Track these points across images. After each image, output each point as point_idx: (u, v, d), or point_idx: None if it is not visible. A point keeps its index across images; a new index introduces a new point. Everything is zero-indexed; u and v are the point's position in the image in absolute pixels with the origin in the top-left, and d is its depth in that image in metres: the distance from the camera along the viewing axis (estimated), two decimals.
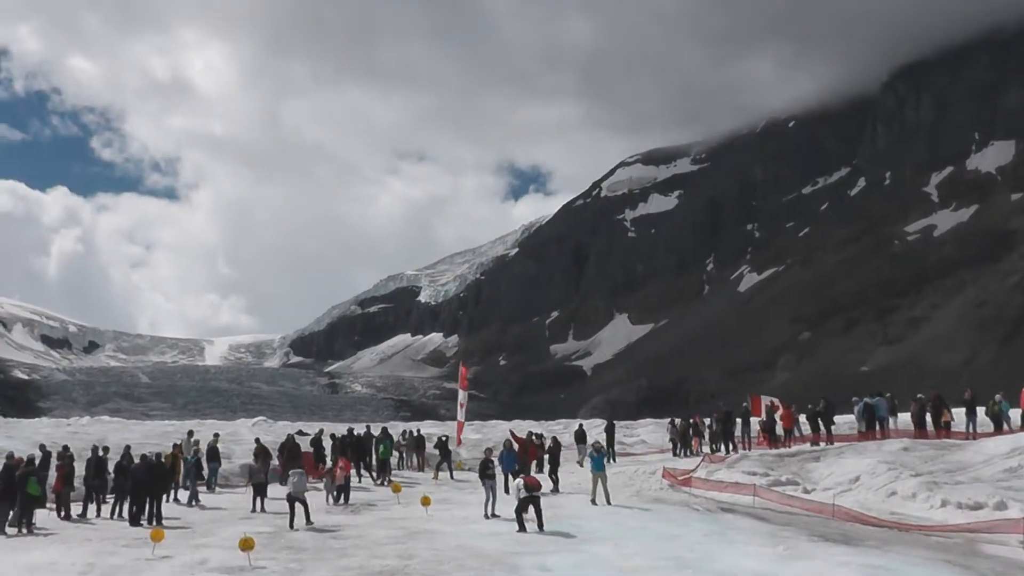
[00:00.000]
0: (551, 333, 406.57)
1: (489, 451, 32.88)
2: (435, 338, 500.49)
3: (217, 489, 39.04)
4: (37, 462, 32.13)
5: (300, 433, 59.05)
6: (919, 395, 44.99)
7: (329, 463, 39.92)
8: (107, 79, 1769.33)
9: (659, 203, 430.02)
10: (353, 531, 27.15)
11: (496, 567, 21.11)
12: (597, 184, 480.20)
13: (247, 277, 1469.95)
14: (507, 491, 32.95)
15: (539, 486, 27.13)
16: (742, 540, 24.09)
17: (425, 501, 30.37)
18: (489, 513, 29.22)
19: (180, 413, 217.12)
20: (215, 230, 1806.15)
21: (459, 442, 46.11)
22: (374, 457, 43.88)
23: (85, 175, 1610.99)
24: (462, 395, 46.88)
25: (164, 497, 31.46)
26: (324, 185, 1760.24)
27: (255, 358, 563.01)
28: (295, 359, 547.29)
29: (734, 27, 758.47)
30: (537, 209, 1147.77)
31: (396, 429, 58.62)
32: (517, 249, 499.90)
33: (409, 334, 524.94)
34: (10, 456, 32.70)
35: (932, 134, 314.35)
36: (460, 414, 46.83)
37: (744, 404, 48.30)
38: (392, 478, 41.90)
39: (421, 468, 48.18)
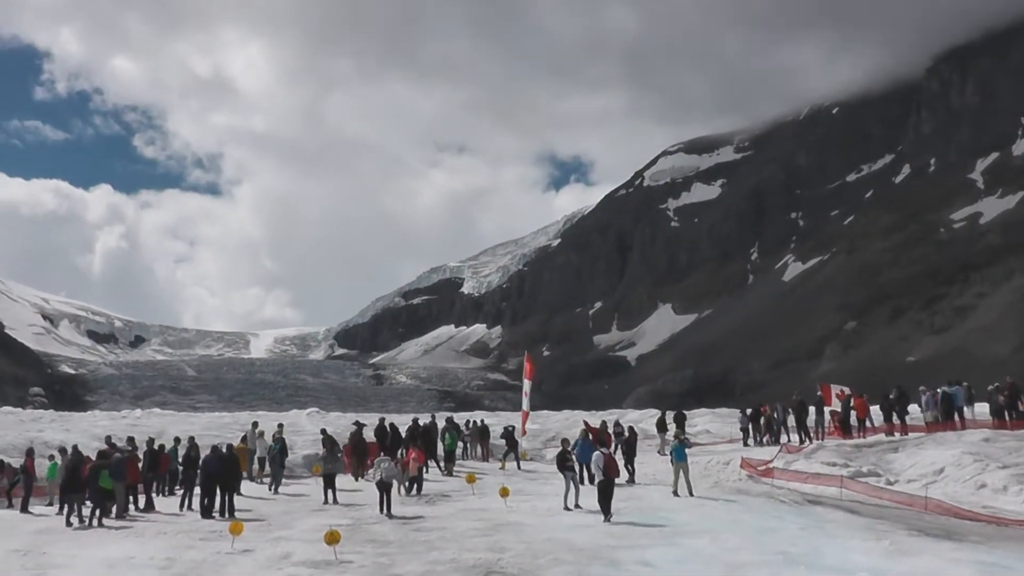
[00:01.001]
0: (595, 323, 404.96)
1: (566, 442, 32.22)
2: (478, 329, 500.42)
3: (283, 480, 38.56)
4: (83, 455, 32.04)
5: (356, 424, 58.62)
6: (995, 384, 43.89)
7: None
8: (149, 78, 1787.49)
9: (702, 192, 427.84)
10: (434, 523, 26.59)
11: (594, 561, 20.50)
12: (639, 174, 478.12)
13: (290, 271, 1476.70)
14: (582, 481, 32.33)
15: (617, 474, 26.57)
16: (842, 534, 23.33)
17: (504, 492, 29.81)
18: (570, 505, 28.55)
19: (227, 405, 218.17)
20: (258, 225, 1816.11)
21: (524, 432, 45.25)
22: (439, 448, 43.31)
23: (128, 173, 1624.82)
24: (527, 385, 46.06)
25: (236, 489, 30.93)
26: (366, 179, 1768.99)
27: (300, 350, 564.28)
28: (340, 351, 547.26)
29: (777, 13, 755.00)
30: (579, 199, 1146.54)
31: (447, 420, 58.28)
32: (560, 240, 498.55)
33: (452, 325, 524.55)
34: (75, 449, 32.46)
35: (977, 119, 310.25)
36: (525, 403, 46.06)
37: (818, 393, 47.18)
38: (457, 469, 41.35)
39: (486, 458, 47.56)
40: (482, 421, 50.62)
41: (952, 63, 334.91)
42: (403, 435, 42.63)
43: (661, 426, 46.45)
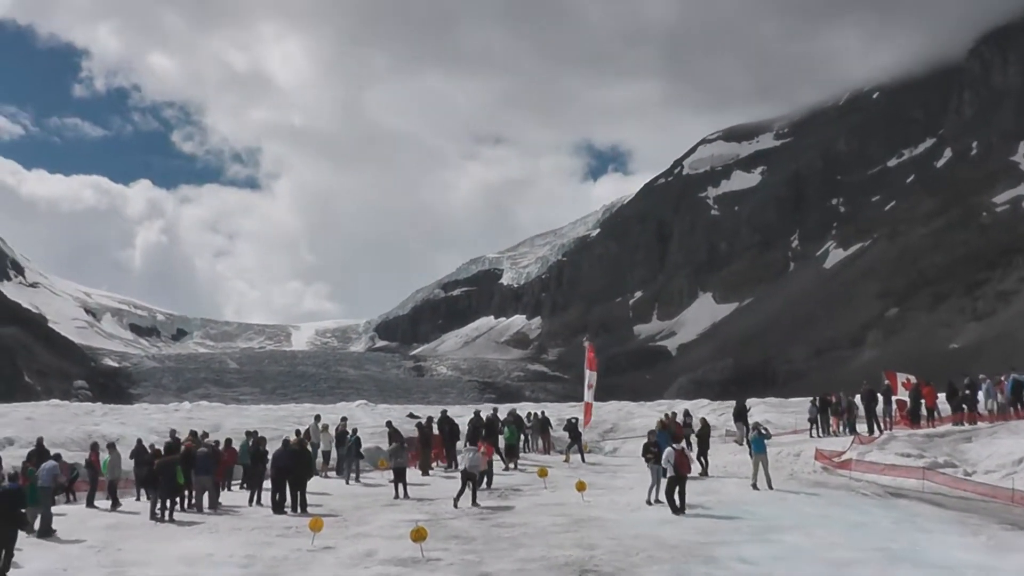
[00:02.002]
0: (635, 313, 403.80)
1: (652, 433, 31.60)
2: (518, 320, 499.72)
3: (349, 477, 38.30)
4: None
5: (411, 416, 58.34)
6: None
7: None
8: (186, 74, 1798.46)
9: (742, 180, 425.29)
10: (512, 518, 26.17)
11: (690, 558, 20.08)
12: (679, 162, 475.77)
13: (330, 264, 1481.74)
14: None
15: (689, 470, 26.13)
16: (936, 529, 22.88)
17: (581, 487, 29.23)
18: (652, 499, 27.92)
19: (269, 397, 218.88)
20: (297, 218, 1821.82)
21: (587, 423, 44.59)
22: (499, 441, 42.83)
23: (167, 168, 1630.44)
24: (590, 375, 44.89)
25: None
26: (404, 171, 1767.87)
27: (341, 343, 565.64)
28: (380, 343, 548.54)
29: None
30: (617, 189, 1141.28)
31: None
32: (599, 229, 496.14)
33: (492, 316, 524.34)
34: (139, 443, 32.41)
35: (1020, 100, 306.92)
36: (588, 395, 44.94)
37: (885, 382, 46.31)
38: (519, 462, 40.86)
39: (547, 451, 47.19)
40: (543, 413, 49.95)
41: (994, 44, 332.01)
42: (459, 427, 42.25)
43: (739, 415, 45.48)
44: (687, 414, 43.45)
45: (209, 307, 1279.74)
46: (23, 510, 22.06)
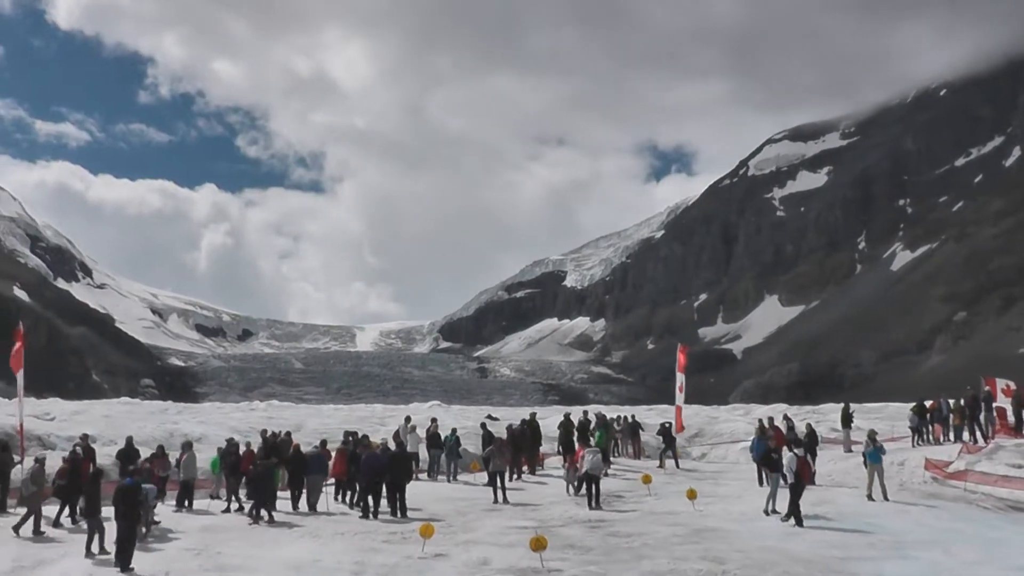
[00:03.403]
0: (700, 316, 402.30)
1: (770, 438, 30.64)
2: (582, 322, 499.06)
3: (439, 477, 37.70)
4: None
5: (490, 417, 57.61)
6: None
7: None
8: (251, 80, 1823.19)
9: (808, 180, 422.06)
10: (626, 527, 25.30)
11: (831, 575, 19.02)
12: (744, 163, 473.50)
13: (393, 266, 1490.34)
14: (760, 483, 30.97)
15: (811, 477, 25.21)
16: None
17: (691, 495, 28.37)
18: (770, 509, 26.85)
19: (334, 397, 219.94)
20: (361, 221, 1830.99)
21: (679, 428, 43.59)
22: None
23: (232, 172, 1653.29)
24: (680, 378, 44.03)
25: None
26: (467, 173, 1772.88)
27: (405, 344, 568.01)
28: (444, 344, 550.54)
29: None
30: (680, 190, 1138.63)
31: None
32: (663, 231, 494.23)
33: (556, 318, 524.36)
34: (231, 442, 32.00)
35: None
36: (679, 398, 44.10)
37: (985, 388, 44.83)
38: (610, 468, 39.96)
39: (637, 456, 46.07)
40: (633, 417, 48.99)
41: None
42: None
43: (846, 421, 44.15)
44: (788, 419, 42.00)
45: (274, 308, 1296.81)
46: (140, 506, 22.13)
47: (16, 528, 25.47)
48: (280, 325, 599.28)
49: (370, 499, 28.21)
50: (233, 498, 30.25)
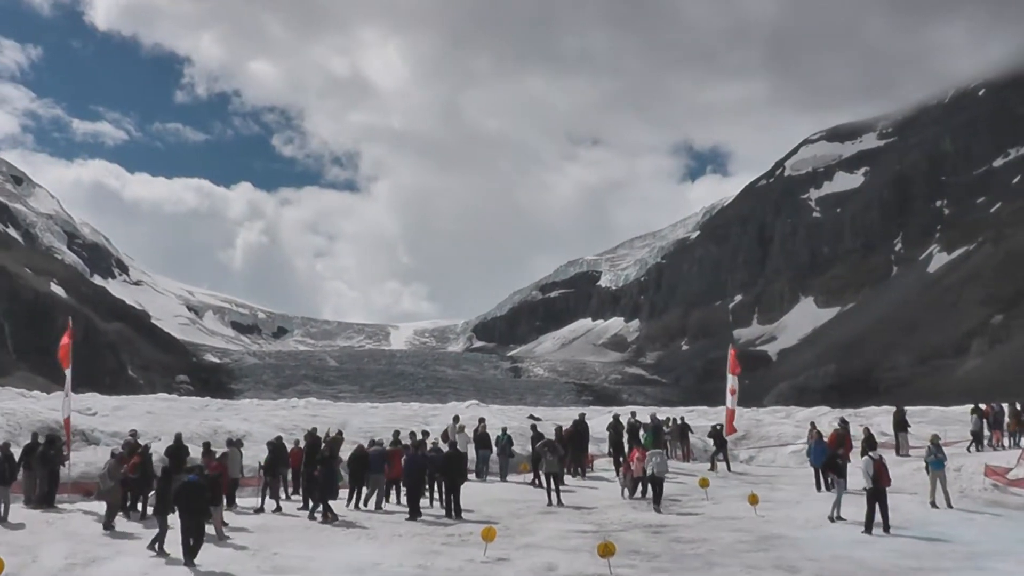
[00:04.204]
0: (734, 317, 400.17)
1: (833, 442, 30.15)
2: (616, 323, 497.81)
3: (488, 478, 37.37)
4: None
5: (532, 418, 57.17)
6: None
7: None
8: (287, 80, 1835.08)
9: (844, 181, 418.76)
10: (688, 532, 24.88)
11: None
12: (780, 163, 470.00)
13: (427, 265, 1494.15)
14: (819, 488, 30.48)
15: (889, 481, 24.52)
16: None
17: (753, 500, 27.84)
18: (836, 515, 26.34)
19: (368, 395, 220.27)
20: (395, 220, 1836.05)
21: (730, 431, 42.85)
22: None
23: (267, 171, 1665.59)
24: (732, 380, 43.15)
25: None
26: (501, 173, 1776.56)
27: (439, 343, 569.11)
28: (478, 344, 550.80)
29: None
30: (716, 191, 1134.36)
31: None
32: (698, 232, 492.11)
33: (590, 319, 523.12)
34: (278, 441, 31.89)
35: None
36: (731, 401, 43.23)
37: None
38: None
39: (687, 459, 45.41)
40: (682, 419, 48.38)
41: None
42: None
43: (900, 424, 43.35)
44: (844, 423, 41.03)
45: (308, 306, 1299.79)
46: (205, 503, 22.02)
47: (106, 525, 25.71)
48: (315, 323, 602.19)
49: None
50: (276, 498, 30.29)
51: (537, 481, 34.44)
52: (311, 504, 28.73)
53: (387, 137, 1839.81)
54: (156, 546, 22.14)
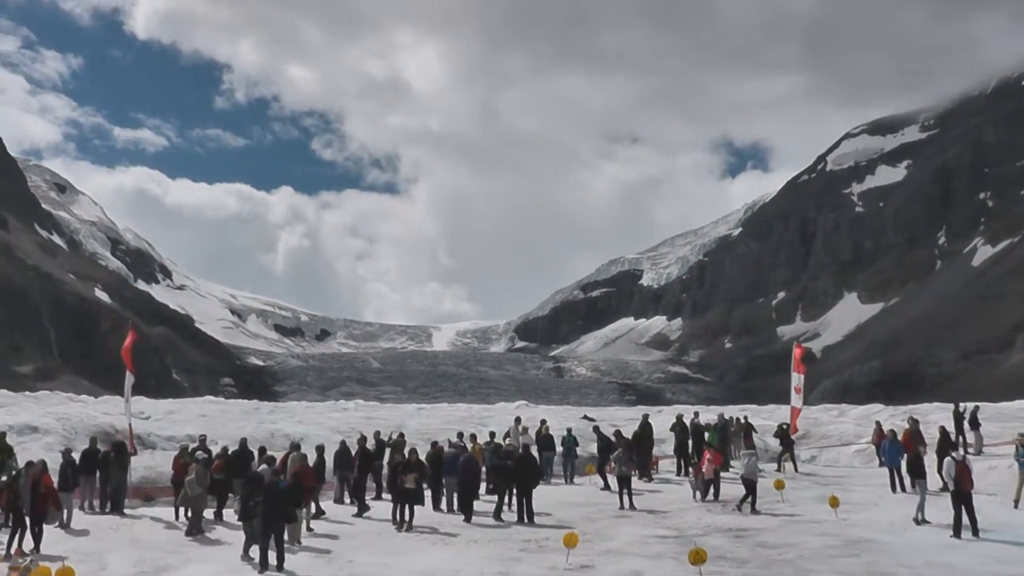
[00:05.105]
0: (778, 314, 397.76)
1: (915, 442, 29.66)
2: (658, 321, 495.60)
3: (553, 481, 37.00)
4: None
5: (586, 418, 56.85)
6: None
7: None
8: (325, 84, 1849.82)
9: (887, 175, 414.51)
10: (771, 536, 24.41)
11: None
12: (822, 158, 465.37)
13: (468, 266, 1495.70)
14: (894, 489, 29.95)
15: (972, 485, 23.90)
16: None
17: (833, 502, 27.29)
18: (920, 517, 25.81)
19: (411, 396, 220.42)
20: (435, 222, 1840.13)
21: (795, 431, 42.19)
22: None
23: (307, 175, 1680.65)
24: (797, 378, 42.36)
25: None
26: (540, 173, 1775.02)
27: (481, 343, 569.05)
28: (520, 344, 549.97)
29: None
30: (756, 187, 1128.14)
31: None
32: (740, 229, 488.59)
33: (632, 317, 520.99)
34: (343, 444, 31.72)
35: None
36: (796, 399, 42.43)
37: None
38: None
39: None
40: (746, 418, 47.55)
41: None
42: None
43: (973, 422, 42.40)
44: (914, 421, 40.13)
45: (350, 308, 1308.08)
46: (290, 507, 22.19)
47: (189, 531, 25.98)
48: (357, 325, 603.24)
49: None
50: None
51: (606, 484, 34.20)
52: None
53: (425, 139, 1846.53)
54: (248, 554, 21.95)
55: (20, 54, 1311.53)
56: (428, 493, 29.77)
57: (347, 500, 31.23)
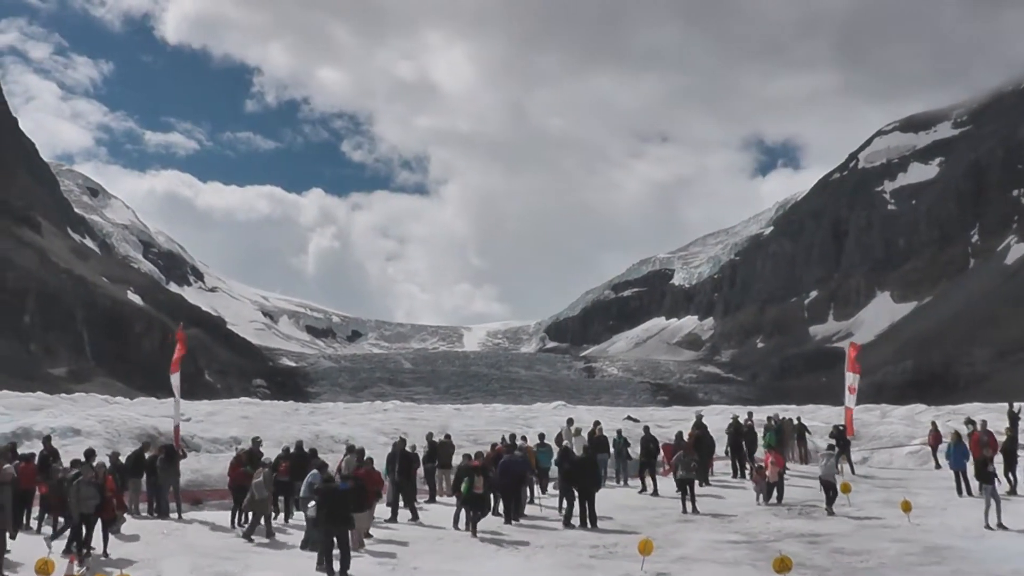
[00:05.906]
0: (810, 314, 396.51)
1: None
2: (690, 321, 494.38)
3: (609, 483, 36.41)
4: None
5: (630, 419, 56.31)
6: None
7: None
8: (355, 86, 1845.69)
9: (919, 172, 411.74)
10: (847, 542, 23.59)
11: None
12: (854, 155, 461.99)
13: (498, 267, 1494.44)
14: (960, 492, 29.25)
15: None
16: None
17: (905, 507, 26.58)
18: (991, 523, 25.13)
19: (442, 397, 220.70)
20: (465, 222, 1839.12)
21: (850, 432, 41.30)
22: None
23: (337, 177, 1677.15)
24: (851, 378, 41.47)
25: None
26: (570, 172, 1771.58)
27: (512, 343, 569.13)
28: (550, 344, 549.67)
29: None
30: (787, 185, 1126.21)
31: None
32: (772, 227, 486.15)
33: (663, 317, 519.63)
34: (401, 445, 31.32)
35: None
36: (850, 400, 41.52)
37: None
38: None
39: (804, 460, 43.37)
40: (799, 419, 46.69)
41: None
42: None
43: None
44: (971, 423, 39.07)
45: (382, 309, 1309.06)
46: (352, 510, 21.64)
47: (247, 536, 25.47)
48: (389, 326, 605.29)
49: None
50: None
51: (644, 487, 33.83)
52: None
53: (455, 140, 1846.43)
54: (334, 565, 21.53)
55: (52, 60, 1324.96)
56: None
57: (401, 504, 30.64)
